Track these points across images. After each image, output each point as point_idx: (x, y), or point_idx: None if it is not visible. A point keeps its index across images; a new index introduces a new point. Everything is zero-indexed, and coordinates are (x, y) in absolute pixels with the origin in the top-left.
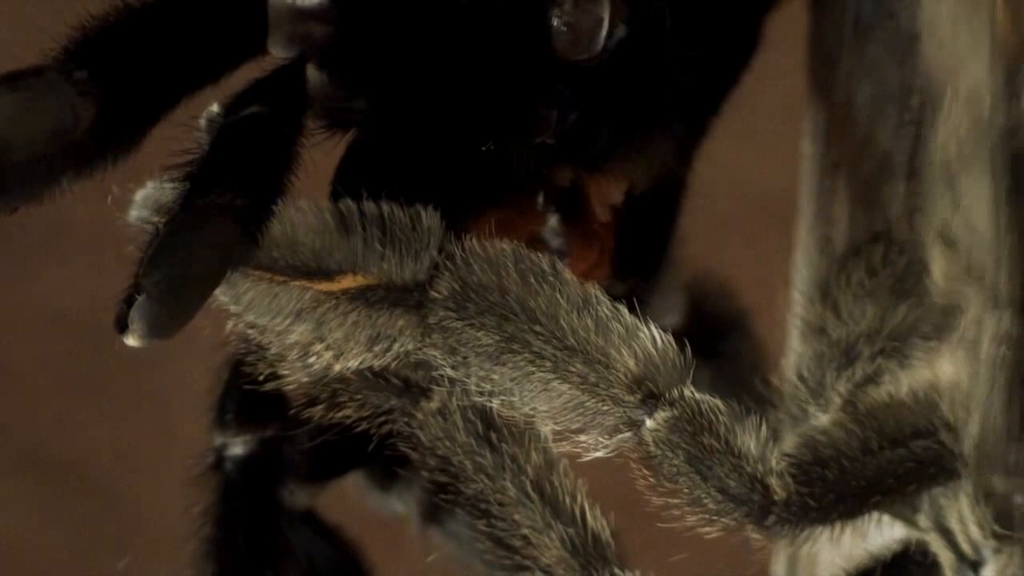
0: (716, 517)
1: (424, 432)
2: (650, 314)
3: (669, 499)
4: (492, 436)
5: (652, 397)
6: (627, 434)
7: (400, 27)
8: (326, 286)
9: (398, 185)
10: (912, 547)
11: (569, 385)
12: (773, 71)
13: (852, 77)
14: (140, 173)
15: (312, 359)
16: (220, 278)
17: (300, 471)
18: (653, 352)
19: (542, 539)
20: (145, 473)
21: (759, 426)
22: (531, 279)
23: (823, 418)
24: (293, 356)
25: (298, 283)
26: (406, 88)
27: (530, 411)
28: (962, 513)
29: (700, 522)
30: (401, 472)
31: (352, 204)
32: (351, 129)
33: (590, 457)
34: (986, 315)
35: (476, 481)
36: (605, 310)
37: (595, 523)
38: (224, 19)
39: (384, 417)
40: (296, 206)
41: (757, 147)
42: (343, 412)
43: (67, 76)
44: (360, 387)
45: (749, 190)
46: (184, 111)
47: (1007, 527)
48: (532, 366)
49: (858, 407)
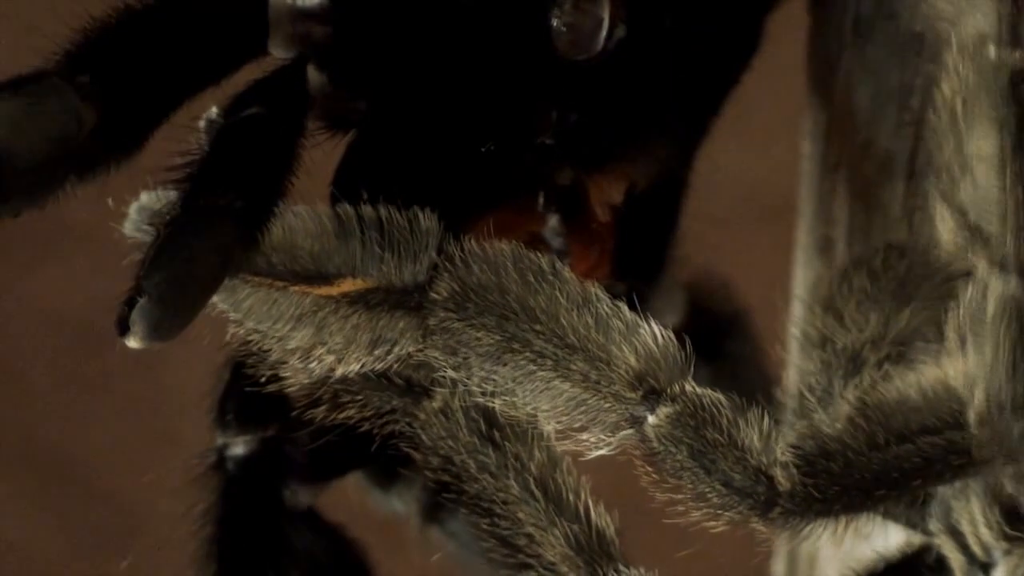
0: (721, 511)
1: (426, 432)
2: (650, 313)
3: (673, 495)
4: (495, 434)
5: (654, 393)
6: (629, 431)
7: (400, 27)
8: (325, 290)
9: (398, 186)
10: (922, 548)
11: (570, 383)
12: (773, 71)
13: (852, 77)
14: (141, 175)
15: (313, 363)
16: (221, 280)
17: (301, 471)
18: (654, 348)
19: (546, 537)
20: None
21: (762, 418)
22: (531, 278)
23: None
24: (294, 360)
25: (297, 288)
26: (406, 89)
27: (532, 410)
28: (973, 515)
29: (704, 517)
30: (401, 472)
31: (350, 208)
32: (351, 130)
33: (593, 455)
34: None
35: (479, 480)
36: (605, 308)
37: (599, 520)
38: (224, 20)
39: (386, 418)
40: (294, 211)
41: (757, 147)
42: (345, 413)
43: (70, 81)
44: (362, 388)
45: (749, 190)
46: (184, 113)
47: (1018, 528)
48: (533, 365)
49: (866, 403)
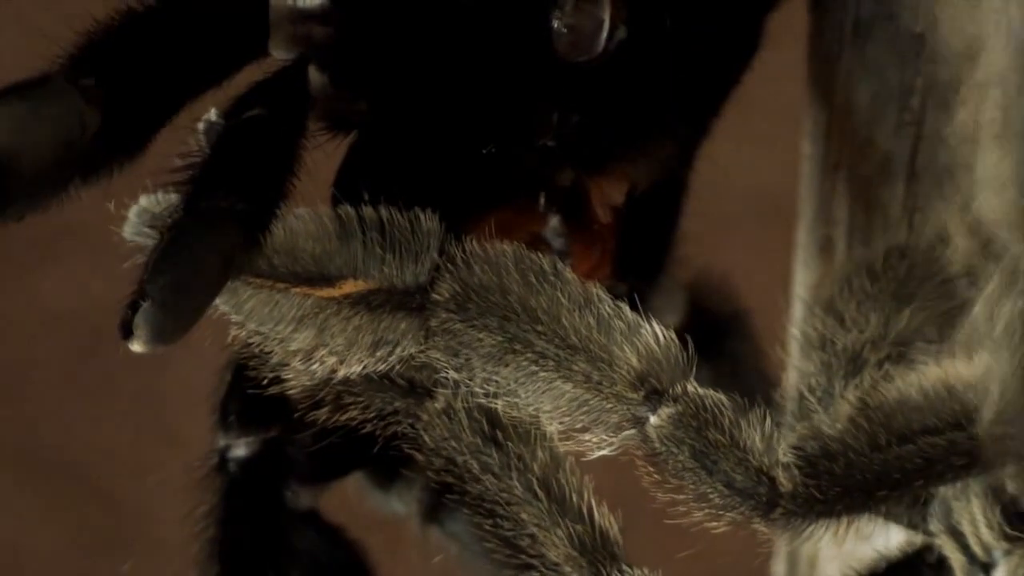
0: (722, 512)
1: (429, 433)
2: (651, 313)
3: (674, 495)
4: (498, 435)
5: (655, 394)
6: (631, 431)
7: (401, 28)
8: (327, 292)
9: (399, 187)
10: (922, 548)
11: (572, 384)
12: (773, 71)
13: (852, 77)
14: (140, 176)
15: (315, 365)
16: (223, 282)
17: (303, 472)
18: (655, 348)
19: (549, 537)
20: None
21: (764, 419)
22: (532, 279)
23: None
24: (296, 362)
25: (299, 290)
26: (407, 90)
27: (534, 411)
28: (973, 515)
29: (706, 517)
30: (401, 472)
31: (351, 209)
32: (352, 131)
33: (595, 456)
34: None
35: (482, 480)
36: (607, 308)
37: (602, 520)
38: (225, 22)
39: (389, 419)
40: (295, 213)
41: (757, 147)
42: (348, 414)
43: (74, 84)
44: (365, 389)
45: (749, 190)
46: (184, 115)
47: (1018, 528)
48: (535, 366)
49: (867, 403)
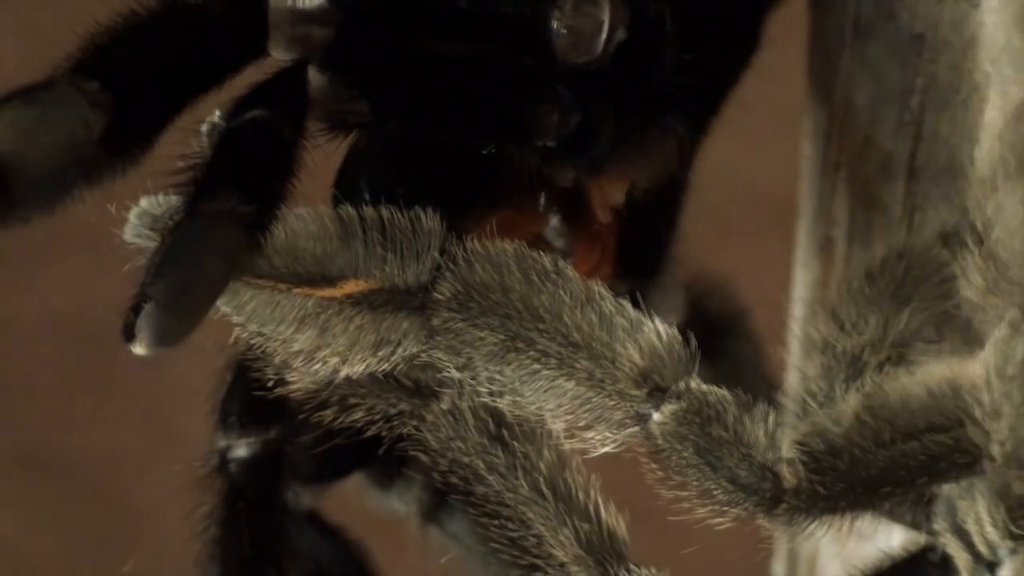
0: (726, 508)
1: (435, 434)
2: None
3: (676, 492)
4: (504, 434)
5: (659, 390)
6: (635, 428)
7: (400, 29)
8: (329, 292)
9: (400, 188)
10: (927, 547)
11: (575, 382)
12: (773, 71)
13: (852, 77)
14: (140, 178)
15: (318, 365)
16: (226, 284)
17: (303, 473)
18: (658, 345)
19: (556, 536)
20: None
21: (767, 415)
22: (534, 277)
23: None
24: (298, 363)
25: (301, 290)
26: (407, 91)
27: (537, 409)
28: (978, 514)
29: (710, 514)
30: (401, 472)
31: (352, 210)
32: (352, 131)
33: (598, 453)
34: (1021, 324)
35: (488, 480)
36: (609, 305)
37: (610, 519)
38: (226, 23)
39: (393, 421)
40: (296, 213)
41: (757, 147)
42: (353, 416)
43: (79, 88)
44: (370, 390)
45: (749, 190)
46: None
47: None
48: (537, 364)
49: (873, 400)
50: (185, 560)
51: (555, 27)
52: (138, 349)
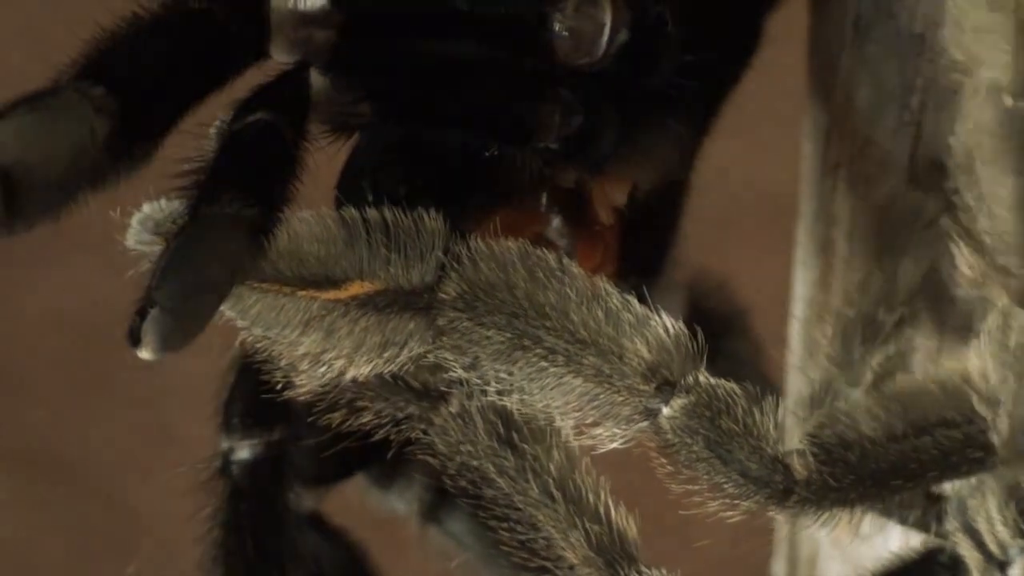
0: (737, 501)
1: (444, 437)
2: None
3: (676, 489)
4: (513, 436)
5: (667, 385)
6: (644, 423)
7: (401, 31)
8: (333, 294)
9: (402, 189)
10: (937, 547)
11: (583, 378)
12: (773, 71)
13: (852, 77)
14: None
15: (324, 368)
16: (230, 287)
17: (306, 474)
18: (666, 339)
19: (567, 539)
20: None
21: (776, 407)
22: (539, 275)
23: (852, 395)
24: (304, 366)
25: (305, 293)
26: (409, 92)
27: (544, 407)
28: (989, 513)
29: (721, 507)
30: (401, 472)
31: (355, 211)
32: (355, 134)
33: (605, 449)
34: (1013, 310)
35: (498, 483)
36: (615, 301)
37: (620, 520)
38: (228, 26)
39: (401, 424)
40: (299, 216)
41: (757, 147)
42: (361, 419)
43: (84, 94)
44: (377, 393)
45: (749, 190)
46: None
47: None
48: (545, 362)
49: (885, 393)
50: (188, 562)
51: (556, 29)
52: (144, 353)
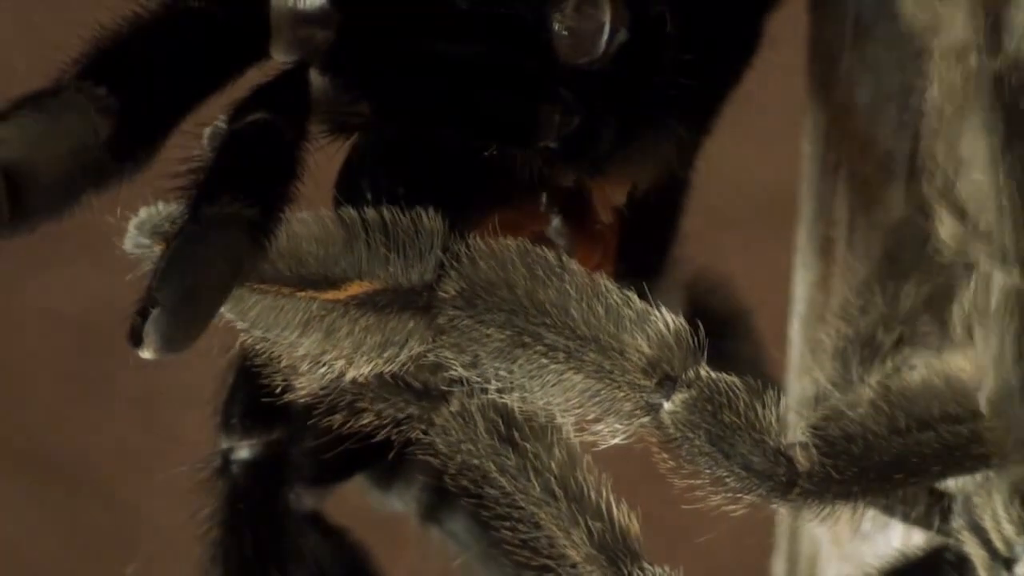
0: (740, 494)
1: (445, 437)
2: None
3: (675, 485)
4: (514, 435)
5: (669, 379)
6: (645, 419)
7: (401, 31)
8: (333, 295)
9: (401, 189)
10: (942, 545)
11: (584, 375)
12: (774, 70)
13: (852, 77)
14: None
15: (324, 368)
16: (231, 288)
17: (306, 474)
18: (666, 334)
19: (569, 537)
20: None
21: (778, 400)
22: (538, 272)
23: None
24: (304, 366)
25: (304, 294)
26: (408, 92)
27: (545, 404)
28: (995, 511)
29: (724, 502)
30: (402, 471)
31: (354, 211)
32: (354, 133)
33: (606, 445)
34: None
35: (500, 482)
36: (615, 297)
37: (622, 518)
38: (228, 25)
39: (402, 425)
40: (298, 217)
41: (757, 147)
42: (362, 420)
43: (86, 94)
44: (378, 394)
45: (749, 190)
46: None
47: None
48: (545, 359)
49: (889, 387)
50: (187, 562)
51: (556, 28)
52: (145, 354)
